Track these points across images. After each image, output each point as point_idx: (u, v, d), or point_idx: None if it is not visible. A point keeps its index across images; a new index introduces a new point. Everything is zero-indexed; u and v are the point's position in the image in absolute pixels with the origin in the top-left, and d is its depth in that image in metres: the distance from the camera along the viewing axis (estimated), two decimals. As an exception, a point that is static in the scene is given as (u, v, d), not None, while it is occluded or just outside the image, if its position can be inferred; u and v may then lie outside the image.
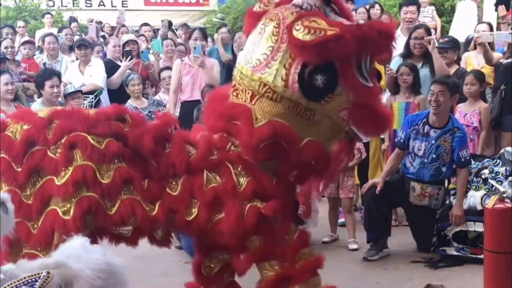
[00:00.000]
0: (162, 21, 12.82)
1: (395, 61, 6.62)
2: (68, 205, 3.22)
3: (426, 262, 5.42)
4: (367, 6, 10.49)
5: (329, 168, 3.73)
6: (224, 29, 9.33)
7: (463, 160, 5.51)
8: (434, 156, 5.58)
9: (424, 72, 6.44)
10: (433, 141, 5.56)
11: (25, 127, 3.31)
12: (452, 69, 6.83)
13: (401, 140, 5.68)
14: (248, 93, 3.49)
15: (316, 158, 3.59)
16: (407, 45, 6.63)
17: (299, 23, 3.37)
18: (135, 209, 3.31)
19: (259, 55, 3.46)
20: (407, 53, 6.61)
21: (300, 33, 3.35)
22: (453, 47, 6.97)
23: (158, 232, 3.50)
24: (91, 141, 3.29)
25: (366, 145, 6.36)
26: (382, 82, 6.64)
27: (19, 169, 3.25)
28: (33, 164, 3.26)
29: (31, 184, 3.26)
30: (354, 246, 5.77)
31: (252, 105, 3.47)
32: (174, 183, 3.46)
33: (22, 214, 3.15)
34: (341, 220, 6.18)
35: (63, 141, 3.29)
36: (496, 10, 9.16)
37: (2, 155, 3.26)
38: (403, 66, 6.33)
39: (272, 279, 3.64)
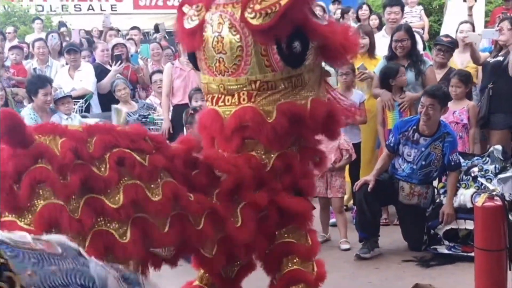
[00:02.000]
0: (159, 25, 12.80)
1: (380, 63, 6.67)
2: (124, 227, 2.91)
3: (417, 261, 5.44)
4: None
5: (338, 121, 3.77)
6: None
7: (453, 163, 5.56)
8: (423, 163, 5.63)
9: (409, 75, 6.45)
10: (423, 149, 5.60)
11: (60, 139, 2.91)
12: (444, 70, 6.88)
13: (391, 144, 5.72)
14: (243, 93, 3.46)
15: (326, 111, 3.62)
16: (390, 46, 6.66)
17: (250, 11, 3.34)
18: (185, 225, 3.09)
19: (233, 60, 3.43)
20: (391, 55, 6.63)
21: (258, 20, 3.33)
22: (453, 48, 7.05)
23: (206, 248, 3.26)
24: (137, 157, 3.01)
25: (357, 146, 6.39)
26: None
27: (65, 181, 2.82)
28: (83, 177, 2.86)
29: (77, 198, 2.84)
30: (346, 246, 5.80)
31: (253, 103, 3.45)
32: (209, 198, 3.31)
33: (74, 230, 2.76)
34: (332, 220, 6.20)
35: (107, 157, 2.94)
36: (464, 0, 8.99)
37: (42, 165, 2.82)
38: (401, 67, 6.34)
39: (289, 275, 3.64)
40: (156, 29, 14.10)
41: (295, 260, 3.65)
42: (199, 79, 7.07)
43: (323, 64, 3.81)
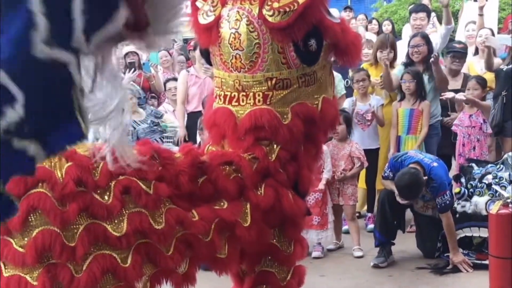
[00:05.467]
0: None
1: (398, 69, 6.69)
2: (126, 253, 2.97)
3: (431, 268, 5.42)
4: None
5: (338, 118, 3.93)
6: None
7: (439, 207, 5.41)
8: (422, 201, 5.64)
9: (424, 80, 6.48)
10: None
11: (66, 163, 2.91)
12: (460, 77, 6.86)
13: (389, 178, 5.63)
14: (259, 95, 3.48)
15: (334, 112, 3.70)
16: (407, 54, 6.69)
17: (268, 9, 3.37)
18: (192, 243, 3.17)
19: (250, 57, 3.45)
20: (408, 61, 6.66)
21: (276, 17, 3.35)
22: (466, 54, 7.03)
23: (220, 251, 3.33)
24: (142, 186, 3.04)
25: (375, 152, 6.45)
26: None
27: (63, 208, 2.84)
28: (83, 205, 2.88)
29: (75, 225, 2.87)
30: (359, 253, 5.79)
31: (269, 105, 3.48)
32: (221, 203, 3.36)
33: (64, 257, 2.82)
34: (345, 227, 6.20)
35: (112, 184, 2.97)
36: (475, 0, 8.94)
37: (41, 190, 2.83)
38: (406, 73, 6.39)
39: (261, 275, 3.67)
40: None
41: (272, 263, 3.67)
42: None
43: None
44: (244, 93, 3.51)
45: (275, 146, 3.50)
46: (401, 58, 6.89)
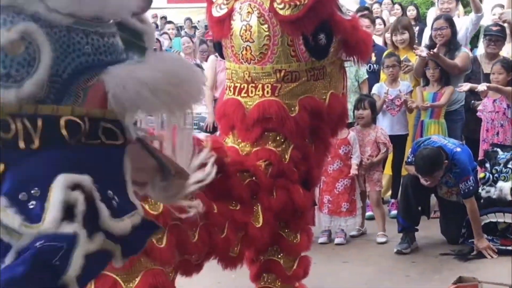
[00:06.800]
0: (198, 21, 12.84)
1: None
2: (161, 233, 2.98)
3: (455, 254, 5.38)
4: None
5: (346, 115, 3.93)
6: None
7: (462, 192, 5.36)
8: (446, 187, 5.58)
9: None
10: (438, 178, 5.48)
11: None
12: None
13: (413, 163, 5.55)
14: (267, 86, 3.53)
15: (342, 108, 3.73)
16: (430, 36, 6.61)
17: (279, 2, 3.42)
18: (211, 234, 3.22)
19: (260, 48, 3.49)
20: (431, 45, 6.58)
21: (286, 10, 3.40)
22: (504, 37, 6.88)
23: (233, 250, 3.40)
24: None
25: (404, 138, 6.46)
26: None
27: None
28: None
29: None
30: (383, 239, 5.75)
31: (277, 97, 3.52)
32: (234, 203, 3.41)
33: None
34: (368, 213, 6.17)
35: None
36: None
37: None
38: (430, 60, 6.31)
39: (266, 264, 3.73)
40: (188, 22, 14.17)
41: (278, 252, 3.72)
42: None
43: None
44: (253, 85, 3.56)
45: (287, 145, 3.54)
46: (425, 41, 6.82)
